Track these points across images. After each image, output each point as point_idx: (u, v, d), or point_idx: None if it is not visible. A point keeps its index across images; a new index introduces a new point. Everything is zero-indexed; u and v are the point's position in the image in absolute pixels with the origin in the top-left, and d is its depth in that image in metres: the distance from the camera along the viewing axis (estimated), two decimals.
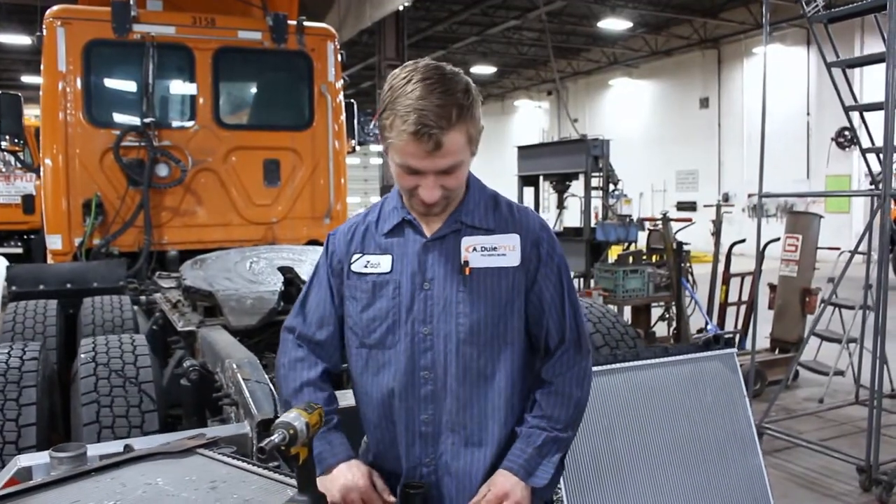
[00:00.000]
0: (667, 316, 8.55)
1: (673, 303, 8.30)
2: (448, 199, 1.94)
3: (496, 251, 1.95)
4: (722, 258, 8.36)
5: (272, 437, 1.58)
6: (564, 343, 2.01)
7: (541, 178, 12.13)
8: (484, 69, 28.58)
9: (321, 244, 5.97)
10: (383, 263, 1.99)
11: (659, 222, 8.67)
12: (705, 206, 10.91)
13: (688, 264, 8.64)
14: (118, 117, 6.46)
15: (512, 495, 1.88)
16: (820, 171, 20.80)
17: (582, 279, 10.16)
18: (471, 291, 1.93)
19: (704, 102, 25.34)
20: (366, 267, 2.01)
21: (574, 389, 2.01)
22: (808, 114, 21.22)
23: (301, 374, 2.06)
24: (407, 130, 1.79)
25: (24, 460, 2.31)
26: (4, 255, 10.82)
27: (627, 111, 28.26)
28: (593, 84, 30.06)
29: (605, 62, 28.30)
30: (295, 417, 1.63)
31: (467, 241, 1.95)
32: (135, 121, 6.25)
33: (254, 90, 7.47)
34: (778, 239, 7.78)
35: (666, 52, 26.05)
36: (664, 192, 26.04)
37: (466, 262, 1.93)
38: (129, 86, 6.56)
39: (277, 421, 1.62)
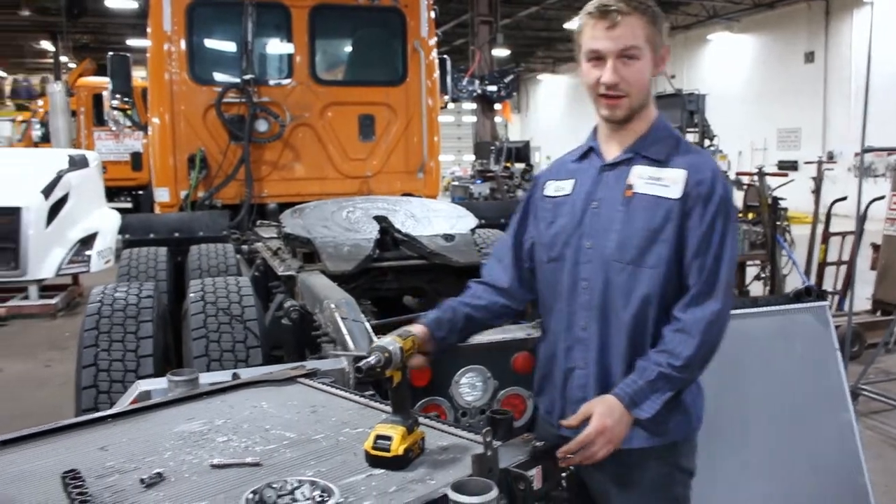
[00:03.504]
0: (762, 275, 8.38)
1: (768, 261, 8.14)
2: (630, 99, 2.07)
3: (660, 181, 2.07)
4: (822, 217, 8.12)
5: (369, 359, 1.70)
6: (699, 285, 2.04)
7: None
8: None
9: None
10: (567, 187, 2.22)
11: (755, 177, 8.46)
12: (806, 163, 10.54)
13: (785, 223, 8.42)
14: (219, 75, 6.69)
15: (610, 431, 1.96)
16: None
17: None
18: (627, 211, 2.08)
19: (809, 57, 24.31)
20: (554, 191, 2.25)
21: (700, 331, 2.01)
22: None
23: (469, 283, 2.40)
24: (590, 12, 2.04)
25: (143, 385, 2.52)
26: (115, 209, 11.37)
27: (727, 67, 27.37)
28: (691, 39, 29.20)
29: (705, 16, 27.43)
30: (390, 342, 1.75)
31: (637, 170, 2.10)
32: (235, 78, 6.46)
33: (349, 46, 7.60)
34: (883, 197, 7.51)
35: (769, 4, 25.05)
36: (764, 150, 25.25)
37: (630, 186, 2.08)
38: (230, 44, 6.78)
39: (373, 345, 1.74)
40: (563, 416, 2.19)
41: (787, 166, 22.72)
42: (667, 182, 2.06)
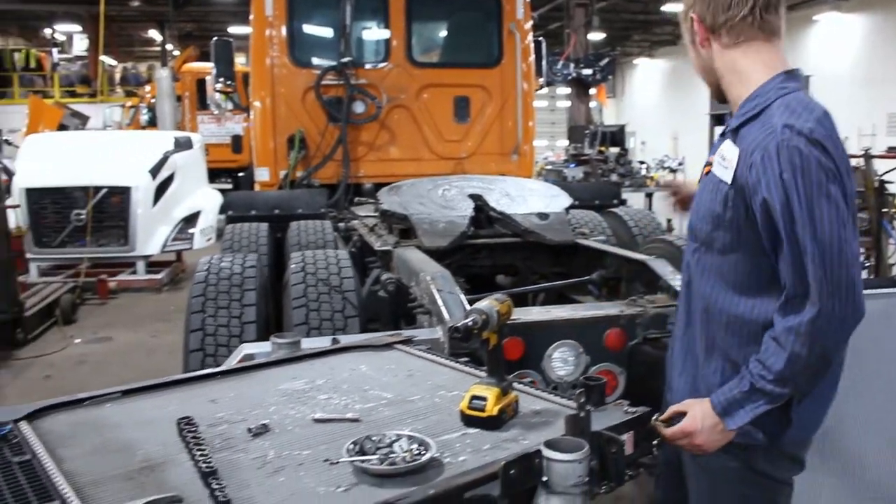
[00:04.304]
0: (867, 264, 8.06)
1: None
2: (705, 77, 2.08)
3: (724, 161, 1.94)
4: None
5: (466, 321, 1.75)
6: (791, 286, 1.85)
7: None
8: (677, 8, 27.44)
9: None
10: None
11: (861, 160, 8.12)
12: None
13: (893, 210, 8.07)
14: (318, 58, 6.84)
15: (696, 436, 1.95)
16: None
17: None
18: (700, 191, 2.05)
19: None
20: None
21: (791, 342, 1.83)
22: None
23: None
24: None
25: (248, 348, 2.65)
26: (217, 190, 11.77)
27: (834, 48, 26.24)
28: (796, 20, 28.02)
29: None
30: (487, 306, 1.78)
31: (723, 145, 1.99)
32: (333, 61, 6.59)
33: (444, 29, 7.67)
34: None
35: None
36: (873, 136, 24.14)
37: (709, 163, 2.02)
38: (328, 29, 6.94)
39: (471, 307, 1.79)
40: (671, 383, 2.23)
41: None
42: (727, 163, 1.92)
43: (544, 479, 1.54)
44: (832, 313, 1.79)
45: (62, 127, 16.25)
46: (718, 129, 9.15)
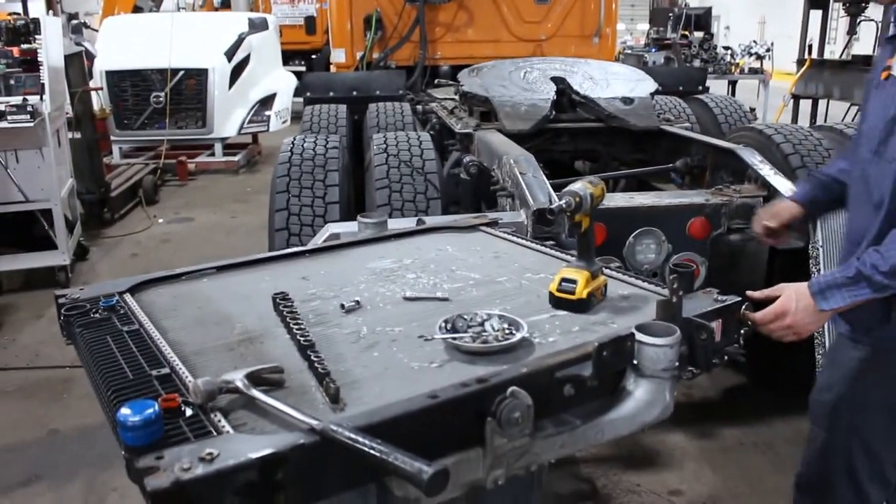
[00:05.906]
0: None
1: None
2: None
3: None
4: None
5: (560, 202, 1.73)
6: None
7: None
8: None
9: None
10: None
11: None
12: None
13: None
14: None
15: (787, 316, 1.91)
16: None
17: None
18: (875, 97, 1.94)
19: None
20: None
21: None
22: None
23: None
24: None
25: (334, 227, 2.68)
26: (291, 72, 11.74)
27: None
28: None
29: None
30: (581, 188, 1.75)
31: None
32: None
33: None
34: None
35: None
36: None
37: (888, 67, 1.90)
38: None
39: (565, 189, 1.76)
40: None
41: None
42: None
43: (634, 361, 1.54)
44: None
45: (137, 9, 16.28)
46: (815, 13, 8.64)
